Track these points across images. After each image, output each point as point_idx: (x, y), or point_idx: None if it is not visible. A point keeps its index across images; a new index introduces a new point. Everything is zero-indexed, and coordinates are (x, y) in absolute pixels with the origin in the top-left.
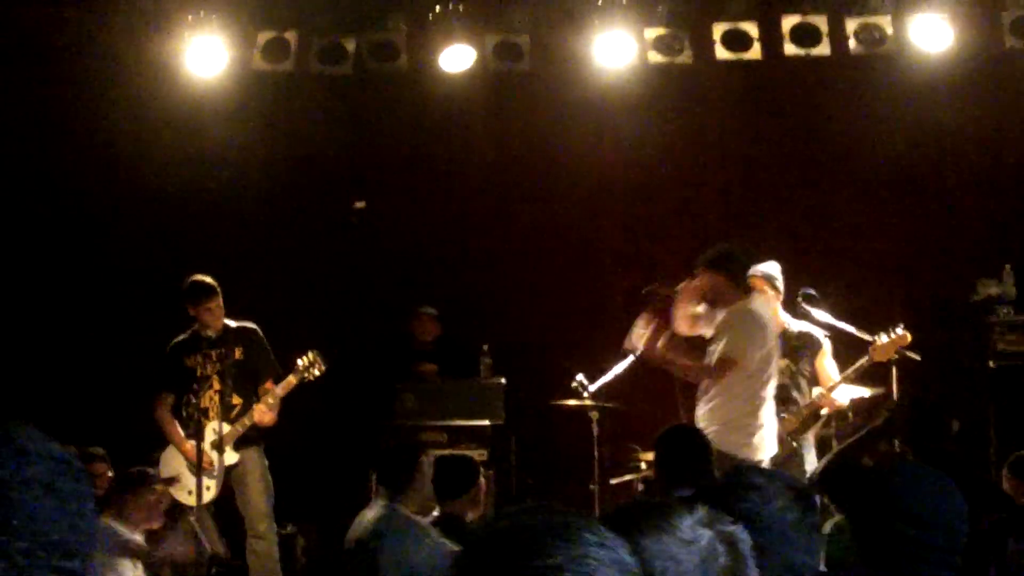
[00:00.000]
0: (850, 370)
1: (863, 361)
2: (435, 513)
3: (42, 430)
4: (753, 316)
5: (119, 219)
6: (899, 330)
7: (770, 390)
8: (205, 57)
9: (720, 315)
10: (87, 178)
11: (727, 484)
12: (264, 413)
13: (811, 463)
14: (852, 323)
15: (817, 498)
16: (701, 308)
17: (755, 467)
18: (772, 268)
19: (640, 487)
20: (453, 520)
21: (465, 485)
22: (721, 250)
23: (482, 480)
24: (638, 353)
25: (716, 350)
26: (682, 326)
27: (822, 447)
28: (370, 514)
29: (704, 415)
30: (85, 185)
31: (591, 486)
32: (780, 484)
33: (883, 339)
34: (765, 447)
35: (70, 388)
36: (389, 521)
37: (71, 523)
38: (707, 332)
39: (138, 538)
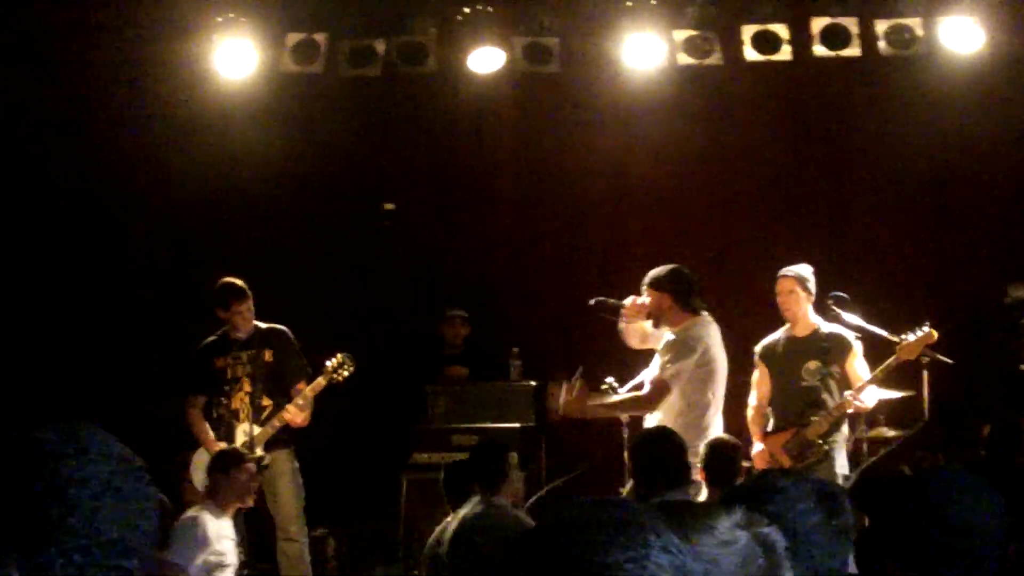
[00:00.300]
0: (878, 370)
1: (891, 361)
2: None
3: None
4: (695, 340)
5: (147, 222)
6: (925, 328)
7: (714, 415)
8: (234, 59)
9: (666, 334)
10: (116, 181)
11: (752, 487)
12: (296, 413)
13: (842, 467)
14: (882, 327)
15: (848, 502)
16: (648, 325)
17: (780, 470)
18: (804, 270)
19: None
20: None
21: (502, 473)
22: (669, 270)
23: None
24: (558, 415)
25: (659, 369)
26: (633, 340)
27: (853, 450)
28: (467, 510)
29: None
30: (114, 188)
31: (621, 490)
32: (806, 487)
33: (909, 337)
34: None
35: (99, 390)
36: (490, 515)
37: (130, 522)
38: (656, 348)
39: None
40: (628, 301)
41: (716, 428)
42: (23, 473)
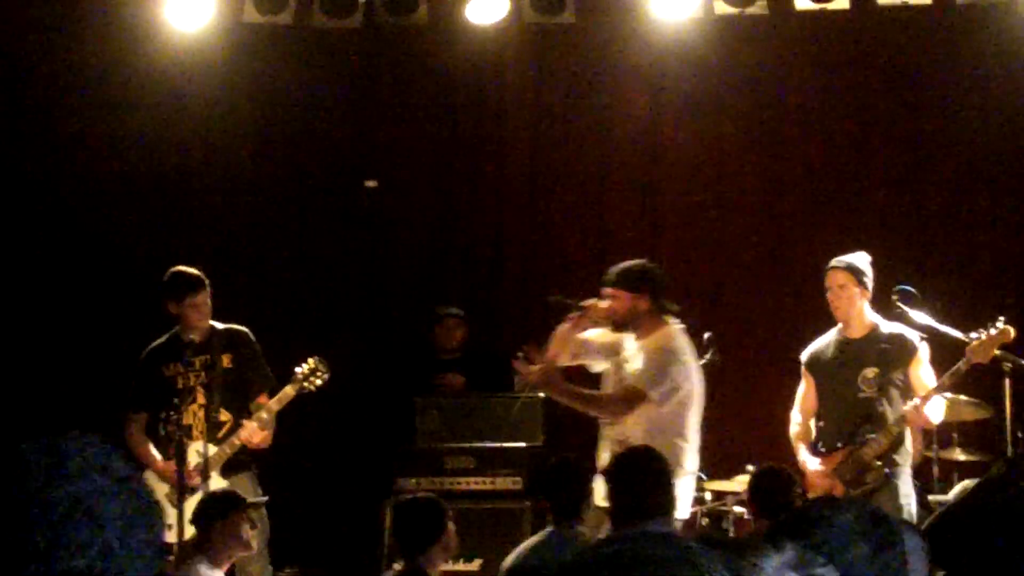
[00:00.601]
0: (945, 376)
1: (960, 364)
2: (396, 567)
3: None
4: (680, 349)
5: (87, 201)
6: (1000, 324)
7: (692, 450)
8: (187, 8)
9: (629, 341)
10: (49, 152)
11: (795, 519)
12: (254, 432)
13: (906, 496)
14: (957, 327)
15: (906, 535)
16: (596, 333)
17: (827, 499)
18: (859, 260)
19: (705, 521)
20: None
21: (433, 533)
22: (642, 267)
23: (451, 526)
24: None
25: (629, 377)
26: (563, 355)
27: (920, 473)
28: (536, 539)
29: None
30: (46, 161)
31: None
32: (851, 515)
33: (980, 336)
34: None
35: (24, 404)
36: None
37: (104, 550)
38: (591, 364)
39: None
40: (589, 303)
41: (692, 463)
42: None
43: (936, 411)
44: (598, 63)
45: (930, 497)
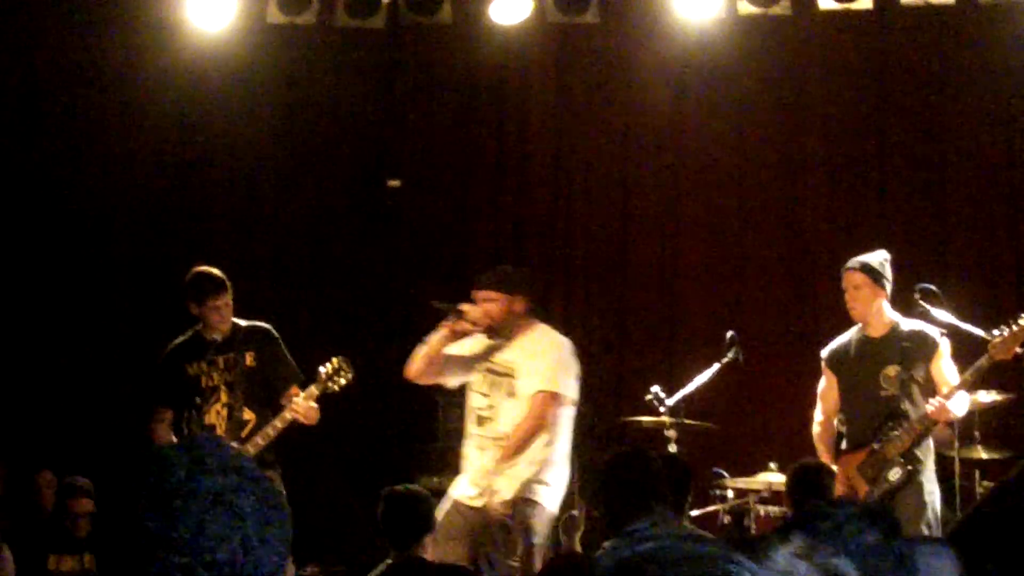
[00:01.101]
0: (968, 372)
1: (982, 361)
2: (388, 561)
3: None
4: (568, 344)
5: (109, 201)
6: (1021, 321)
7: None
8: (210, 8)
9: (510, 347)
10: (73, 151)
11: (796, 520)
12: (307, 408)
13: (931, 493)
14: (979, 325)
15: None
16: (457, 346)
17: (830, 500)
18: (874, 259)
19: (727, 519)
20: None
21: (426, 524)
22: (517, 269)
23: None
24: None
25: (528, 381)
26: (435, 363)
27: (943, 471)
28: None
29: (533, 461)
30: (70, 160)
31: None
32: (848, 510)
33: (1003, 333)
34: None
35: (49, 403)
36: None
37: (244, 544)
38: (448, 380)
39: None
40: (465, 307)
41: (566, 470)
42: (133, 484)
43: (960, 405)
44: (621, 63)
45: None
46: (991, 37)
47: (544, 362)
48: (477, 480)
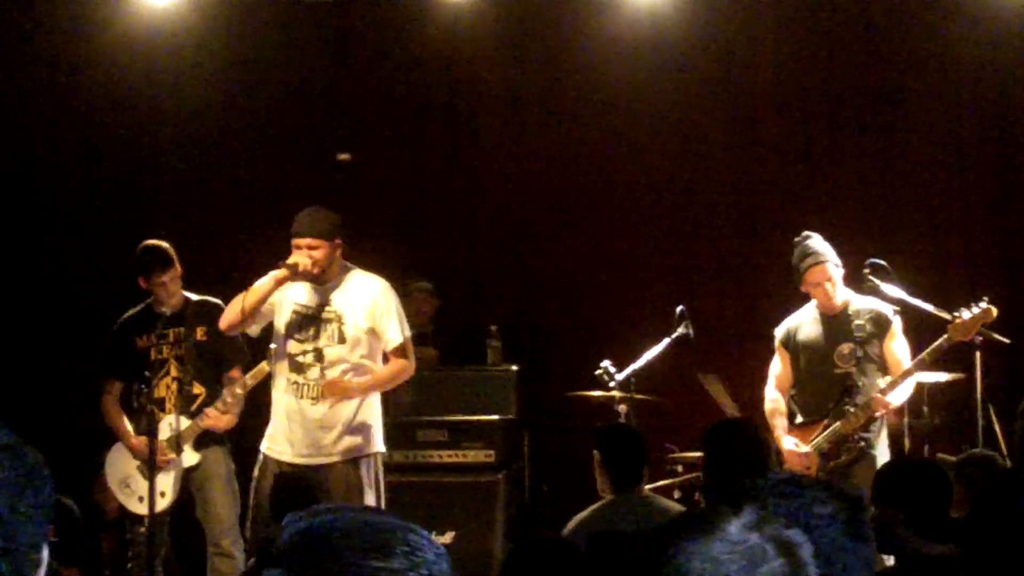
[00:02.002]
0: (925, 353)
1: (941, 342)
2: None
3: None
4: (390, 286)
5: (56, 174)
6: (983, 304)
7: None
8: None
9: (336, 293)
10: (19, 125)
11: (763, 488)
12: (218, 417)
13: None
14: (930, 300)
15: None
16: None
17: (791, 476)
18: (826, 245)
19: (678, 494)
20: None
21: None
22: (328, 213)
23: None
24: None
25: (390, 334)
26: (236, 316)
27: (894, 444)
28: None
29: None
30: (15, 133)
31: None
32: (818, 490)
33: (964, 315)
34: None
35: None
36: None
37: None
38: (255, 328)
39: None
40: (294, 260)
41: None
42: None
43: (900, 394)
44: (572, 36)
45: None
46: (941, 12)
47: (384, 310)
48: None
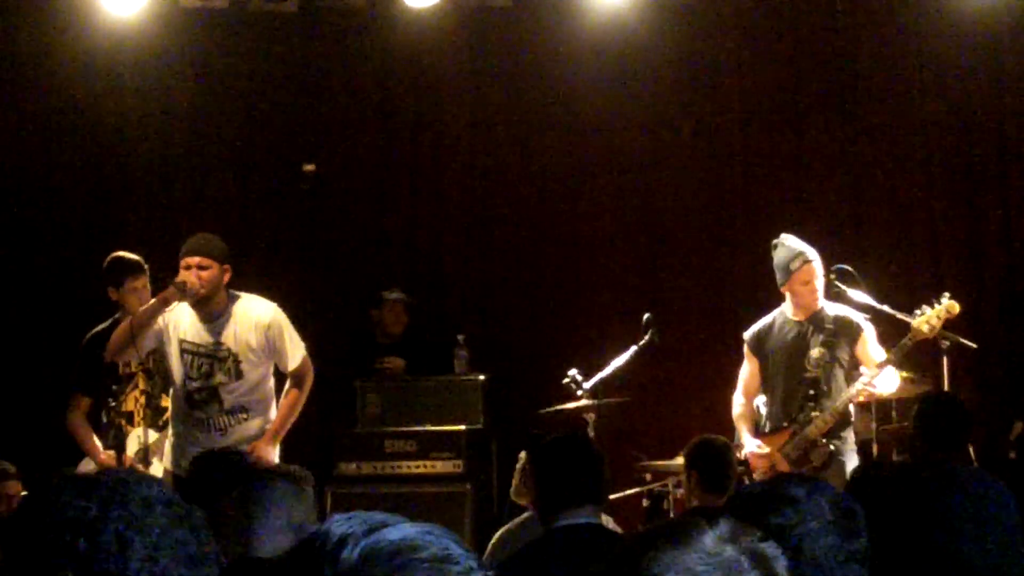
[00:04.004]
0: (891, 352)
1: (906, 340)
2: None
3: None
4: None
5: (21, 188)
6: (945, 299)
7: None
8: None
9: (226, 318)
10: None
11: (762, 493)
12: None
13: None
14: (896, 306)
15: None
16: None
17: (798, 476)
18: (807, 246)
19: (646, 503)
20: None
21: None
22: (217, 238)
23: None
24: None
25: (286, 359)
26: (123, 341)
27: (863, 451)
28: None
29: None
30: None
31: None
32: (822, 501)
33: (926, 311)
34: None
35: None
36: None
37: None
38: (139, 353)
39: None
40: (182, 279)
41: None
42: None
43: (889, 382)
44: (535, 46)
45: None
46: (904, 16)
47: (284, 335)
48: None
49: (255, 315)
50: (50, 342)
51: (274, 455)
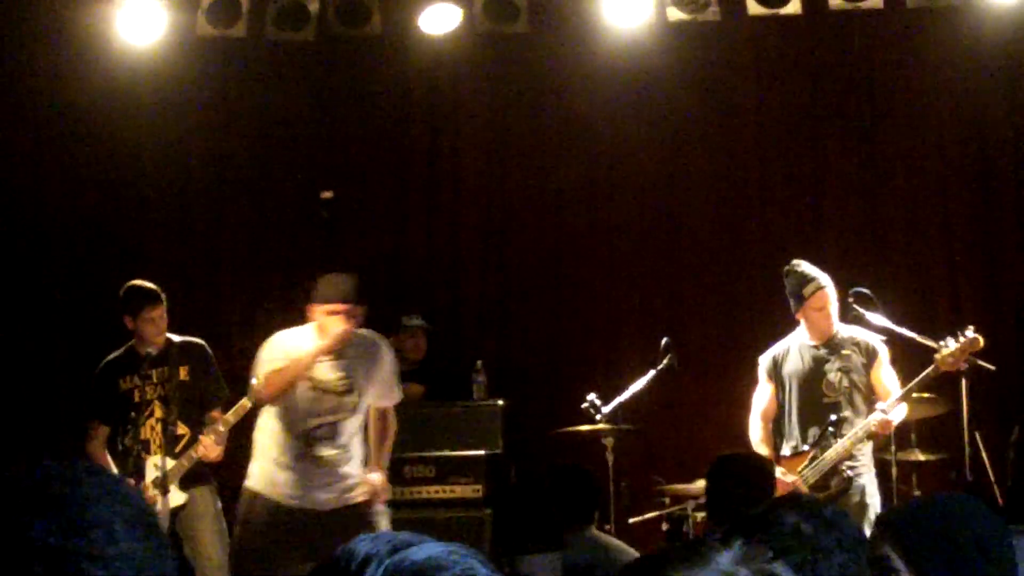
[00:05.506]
0: (912, 383)
1: (928, 371)
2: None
3: None
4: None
5: (40, 217)
6: (969, 333)
7: None
8: (141, 22)
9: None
10: (1, 167)
11: (756, 520)
12: (210, 447)
13: (872, 496)
14: (915, 329)
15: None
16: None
17: (791, 500)
18: (820, 271)
19: (666, 526)
20: None
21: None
22: (348, 275)
23: None
24: None
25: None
26: (281, 389)
27: (881, 473)
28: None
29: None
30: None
31: (606, 526)
32: (838, 534)
33: (951, 345)
34: None
35: None
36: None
37: None
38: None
39: None
40: (340, 328)
41: None
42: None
43: (899, 414)
44: (552, 72)
45: None
46: (920, 40)
47: (390, 369)
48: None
49: (385, 354)
50: (66, 371)
51: None
